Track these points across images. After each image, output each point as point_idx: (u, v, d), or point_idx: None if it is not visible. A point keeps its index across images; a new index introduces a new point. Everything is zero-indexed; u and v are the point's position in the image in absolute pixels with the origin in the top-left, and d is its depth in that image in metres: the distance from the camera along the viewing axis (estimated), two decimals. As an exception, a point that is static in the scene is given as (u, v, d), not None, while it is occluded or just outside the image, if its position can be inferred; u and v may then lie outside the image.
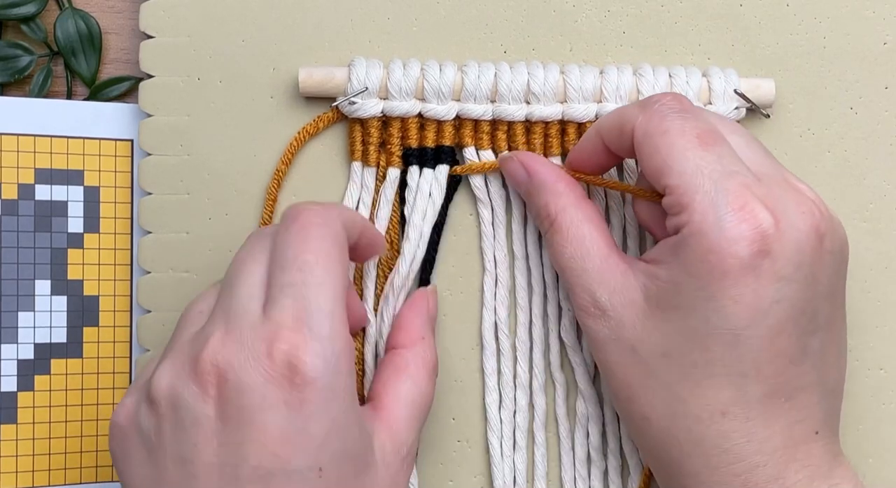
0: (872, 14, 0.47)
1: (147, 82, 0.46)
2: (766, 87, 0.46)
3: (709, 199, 0.37)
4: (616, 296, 0.39)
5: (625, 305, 0.39)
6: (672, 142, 0.38)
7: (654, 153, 0.39)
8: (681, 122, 0.39)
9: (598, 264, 0.40)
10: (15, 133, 0.45)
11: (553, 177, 0.43)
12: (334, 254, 0.37)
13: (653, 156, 0.39)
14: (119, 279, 0.46)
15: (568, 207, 0.42)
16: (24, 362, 0.45)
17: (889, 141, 0.47)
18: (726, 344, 0.37)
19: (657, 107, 0.39)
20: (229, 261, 0.45)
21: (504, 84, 0.44)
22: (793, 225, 0.37)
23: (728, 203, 0.37)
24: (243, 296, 0.37)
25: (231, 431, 0.35)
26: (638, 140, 0.39)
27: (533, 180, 0.43)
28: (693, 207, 0.37)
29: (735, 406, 0.38)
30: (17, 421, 0.45)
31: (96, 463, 0.46)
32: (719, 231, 0.37)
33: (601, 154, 0.42)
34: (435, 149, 0.45)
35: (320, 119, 0.45)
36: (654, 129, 0.39)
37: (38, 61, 0.47)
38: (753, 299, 0.37)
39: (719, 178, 0.37)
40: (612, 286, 0.40)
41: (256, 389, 0.35)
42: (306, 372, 0.35)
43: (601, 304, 0.40)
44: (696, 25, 0.47)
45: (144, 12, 0.46)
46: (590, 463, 0.46)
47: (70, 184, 0.46)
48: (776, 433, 0.38)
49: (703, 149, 0.38)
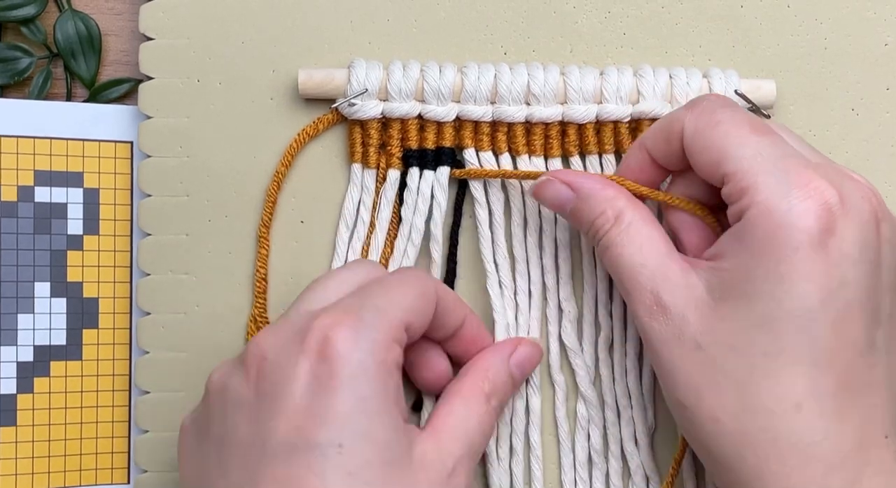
0: (874, 15, 0.47)
1: (147, 84, 0.46)
2: (767, 88, 0.46)
3: (773, 178, 0.37)
4: (679, 293, 0.39)
5: (688, 301, 0.39)
6: (727, 131, 0.38)
7: (709, 145, 0.39)
8: (731, 113, 0.39)
9: (659, 262, 0.40)
10: (14, 135, 0.45)
11: (600, 185, 0.42)
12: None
13: (708, 149, 0.39)
14: (119, 281, 0.46)
15: (626, 209, 0.41)
16: (24, 364, 0.45)
17: (890, 142, 0.47)
18: (798, 329, 0.37)
19: (705, 104, 0.40)
20: (229, 263, 0.45)
21: (504, 85, 0.44)
22: (855, 206, 0.37)
23: (792, 180, 0.37)
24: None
25: (263, 406, 0.37)
26: (688, 138, 0.39)
27: (580, 193, 0.42)
28: (756, 188, 0.37)
29: (809, 398, 0.37)
30: (17, 423, 0.45)
31: (96, 465, 0.46)
32: (787, 207, 0.37)
33: (647, 169, 0.42)
34: (435, 151, 0.45)
35: (320, 121, 0.45)
36: (705, 124, 0.39)
37: (38, 63, 0.47)
38: (824, 279, 0.36)
39: (779, 159, 0.38)
40: (674, 283, 0.39)
41: (290, 362, 0.37)
42: (337, 346, 0.36)
43: (664, 302, 0.39)
44: (696, 26, 0.47)
45: (144, 14, 0.46)
46: (591, 466, 0.46)
47: (69, 186, 0.46)
48: (849, 431, 0.37)
49: (759, 136, 0.38)
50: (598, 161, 0.46)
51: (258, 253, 0.45)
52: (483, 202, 0.45)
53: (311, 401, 0.36)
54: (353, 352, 0.37)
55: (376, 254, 0.45)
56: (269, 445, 0.36)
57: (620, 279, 0.41)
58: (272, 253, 0.46)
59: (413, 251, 0.45)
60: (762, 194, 0.37)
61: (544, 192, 0.43)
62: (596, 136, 0.45)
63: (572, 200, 0.42)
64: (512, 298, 0.46)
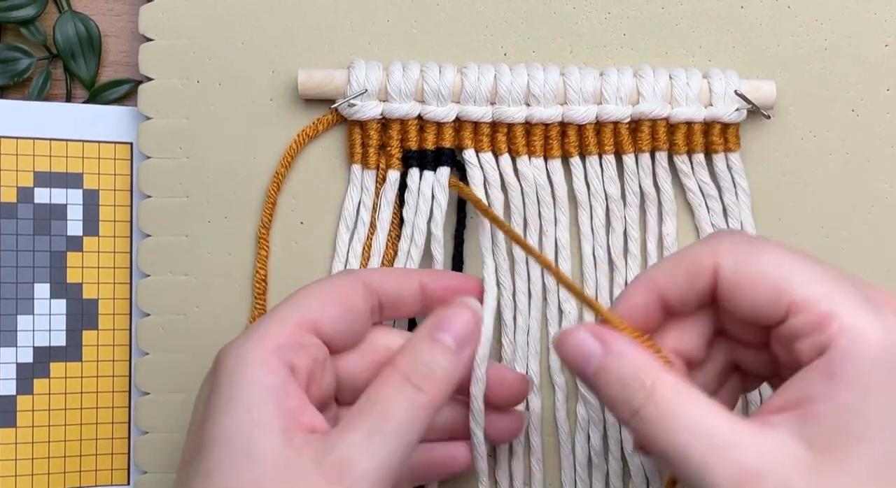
0: (874, 16, 0.47)
1: (146, 85, 0.46)
2: (768, 88, 0.46)
3: (855, 300, 0.33)
4: (768, 458, 0.32)
5: (784, 465, 0.32)
6: (781, 257, 0.34)
7: (762, 276, 0.34)
8: (768, 242, 0.35)
9: (727, 430, 0.33)
10: (14, 136, 0.45)
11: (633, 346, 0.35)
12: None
13: (761, 281, 0.34)
14: (118, 282, 0.46)
15: (662, 374, 0.34)
16: (23, 366, 0.45)
17: (891, 143, 0.47)
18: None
19: (734, 237, 0.36)
20: (228, 264, 0.45)
21: (504, 86, 0.44)
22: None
23: (874, 298, 0.33)
24: None
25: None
26: (729, 273, 0.35)
27: (611, 350, 0.35)
28: (843, 311, 0.33)
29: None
30: (17, 424, 0.45)
31: (96, 466, 0.46)
32: (884, 329, 0.32)
33: (653, 312, 0.37)
34: (435, 152, 0.45)
35: (320, 121, 0.45)
36: (746, 254, 0.35)
37: (38, 64, 0.47)
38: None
39: (843, 280, 0.34)
40: (757, 450, 0.32)
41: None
42: (220, 355, 0.38)
43: (756, 471, 0.32)
44: (696, 27, 0.47)
45: (144, 15, 0.46)
46: (591, 467, 0.46)
47: (69, 187, 0.46)
48: None
49: (810, 259, 0.34)
50: (598, 162, 0.45)
51: (258, 254, 0.45)
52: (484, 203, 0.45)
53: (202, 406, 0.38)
54: (228, 357, 0.37)
55: (378, 256, 0.45)
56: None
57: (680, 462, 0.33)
58: (272, 254, 0.46)
59: (416, 252, 0.45)
60: (850, 318, 0.32)
61: (567, 342, 0.36)
62: (596, 137, 0.45)
63: (600, 356, 0.35)
64: (511, 299, 0.45)
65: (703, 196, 0.46)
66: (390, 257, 0.45)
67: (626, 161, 0.45)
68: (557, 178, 0.45)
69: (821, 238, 0.47)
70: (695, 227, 0.46)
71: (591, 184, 0.46)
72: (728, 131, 0.46)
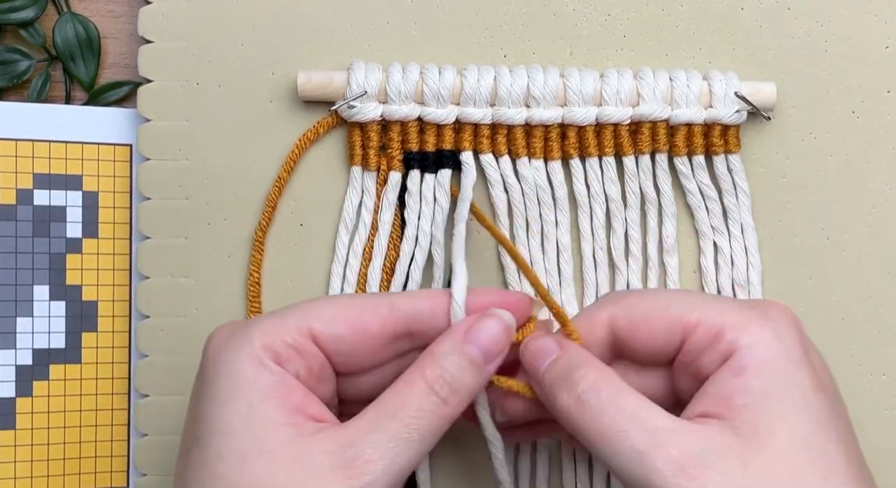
0: (874, 17, 0.47)
1: (146, 87, 0.45)
2: (768, 90, 0.46)
3: (743, 308, 0.38)
4: (706, 445, 0.35)
5: (721, 451, 0.35)
6: (666, 293, 0.41)
7: (653, 310, 0.38)
8: (650, 289, 0.44)
9: (667, 420, 0.36)
10: (13, 138, 0.45)
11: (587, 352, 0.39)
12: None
13: (653, 316, 0.38)
14: (118, 284, 0.46)
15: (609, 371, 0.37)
16: (23, 368, 0.45)
17: (891, 145, 0.47)
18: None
19: (619, 292, 0.43)
20: (228, 266, 0.45)
21: (504, 87, 0.44)
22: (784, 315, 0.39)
23: (755, 307, 0.38)
24: None
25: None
26: (622, 318, 0.39)
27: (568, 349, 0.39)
28: (734, 321, 0.37)
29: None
30: (16, 427, 0.45)
31: (95, 469, 0.46)
32: (773, 325, 0.37)
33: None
34: (436, 154, 0.45)
35: (320, 124, 0.45)
36: (634, 299, 0.39)
37: (37, 66, 0.47)
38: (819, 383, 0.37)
39: (726, 299, 0.40)
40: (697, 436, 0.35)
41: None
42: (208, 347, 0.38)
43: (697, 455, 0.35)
44: (696, 29, 0.47)
45: (143, 17, 0.46)
46: (591, 468, 0.46)
47: (69, 189, 0.46)
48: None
49: (691, 291, 0.44)
50: (598, 163, 0.45)
51: (252, 257, 0.45)
52: (486, 204, 0.45)
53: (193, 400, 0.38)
54: (220, 350, 0.37)
55: (379, 257, 0.45)
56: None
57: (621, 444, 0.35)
58: (272, 256, 0.46)
59: (421, 255, 0.45)
60: (744, 323, 0.37)
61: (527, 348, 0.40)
62: (596, 139, 0.45)
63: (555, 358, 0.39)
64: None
65: (703, 197, 0.46)
66: (392, 259, 0.45)
67: (626, 162, 0.45)
68: (557, 180, 0.45)
69: (821, 239, 0.47)
70: (695, 229, 0.46)
71: (592, 186, 0.46)
72: (728, 133, 0.46)
